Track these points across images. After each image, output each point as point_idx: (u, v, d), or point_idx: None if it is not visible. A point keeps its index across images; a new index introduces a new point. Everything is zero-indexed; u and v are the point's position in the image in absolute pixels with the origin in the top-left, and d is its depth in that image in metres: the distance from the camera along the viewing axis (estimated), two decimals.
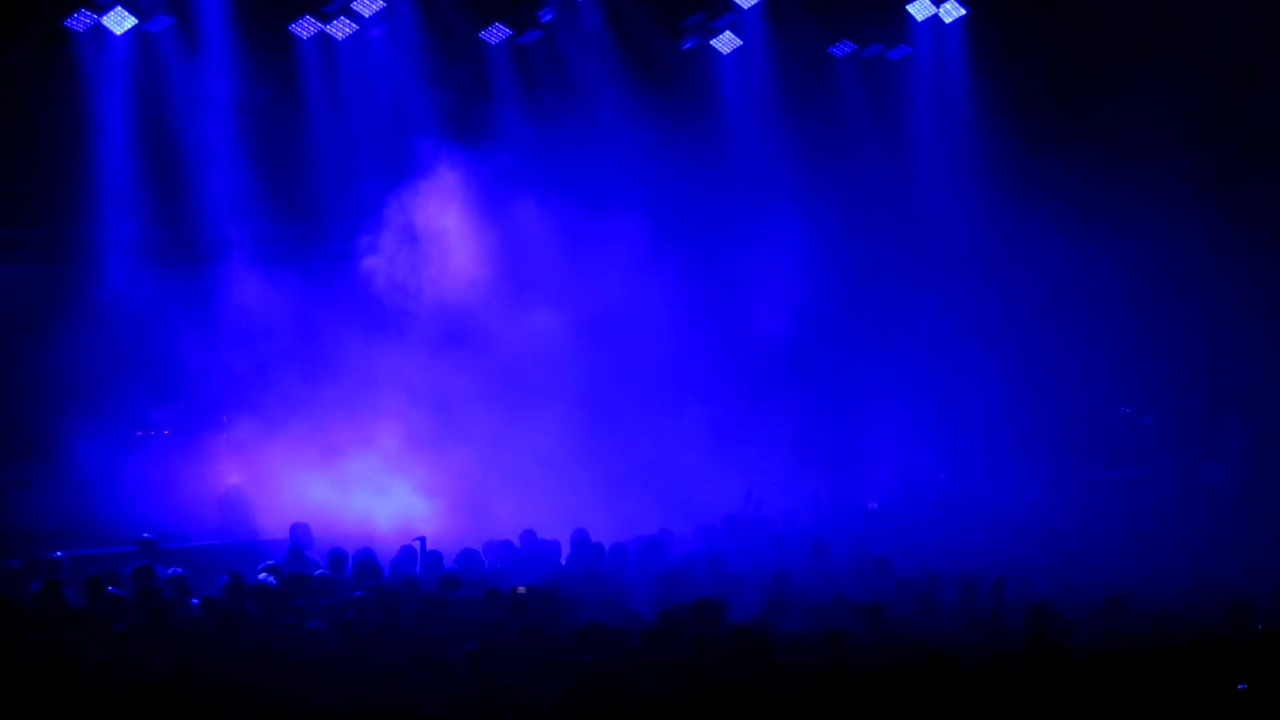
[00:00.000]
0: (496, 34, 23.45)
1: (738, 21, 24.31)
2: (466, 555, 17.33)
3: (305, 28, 22.56)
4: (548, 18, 23.53)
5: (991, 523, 19.89)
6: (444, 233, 21.91)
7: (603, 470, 20.74)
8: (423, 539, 17.75)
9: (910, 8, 24.80)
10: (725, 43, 24.32)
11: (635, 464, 20.96)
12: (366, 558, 16.69)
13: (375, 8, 22.68)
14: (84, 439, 20.28)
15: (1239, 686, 13.31)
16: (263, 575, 15.94)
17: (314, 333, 21.34)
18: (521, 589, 15.64)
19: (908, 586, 16.09)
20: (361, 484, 20.57)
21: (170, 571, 16.13)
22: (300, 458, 20.68)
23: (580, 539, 18.20)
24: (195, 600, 15.42)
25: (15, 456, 20.52)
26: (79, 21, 21.39)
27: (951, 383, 23.12)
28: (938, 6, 24.83)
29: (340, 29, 22.67)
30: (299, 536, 17.97)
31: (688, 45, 24.31)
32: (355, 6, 22.64)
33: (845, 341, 23.29)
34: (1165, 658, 13.60)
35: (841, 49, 24.79)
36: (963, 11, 24.82)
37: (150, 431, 21.12)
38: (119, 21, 21.44)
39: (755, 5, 24.15)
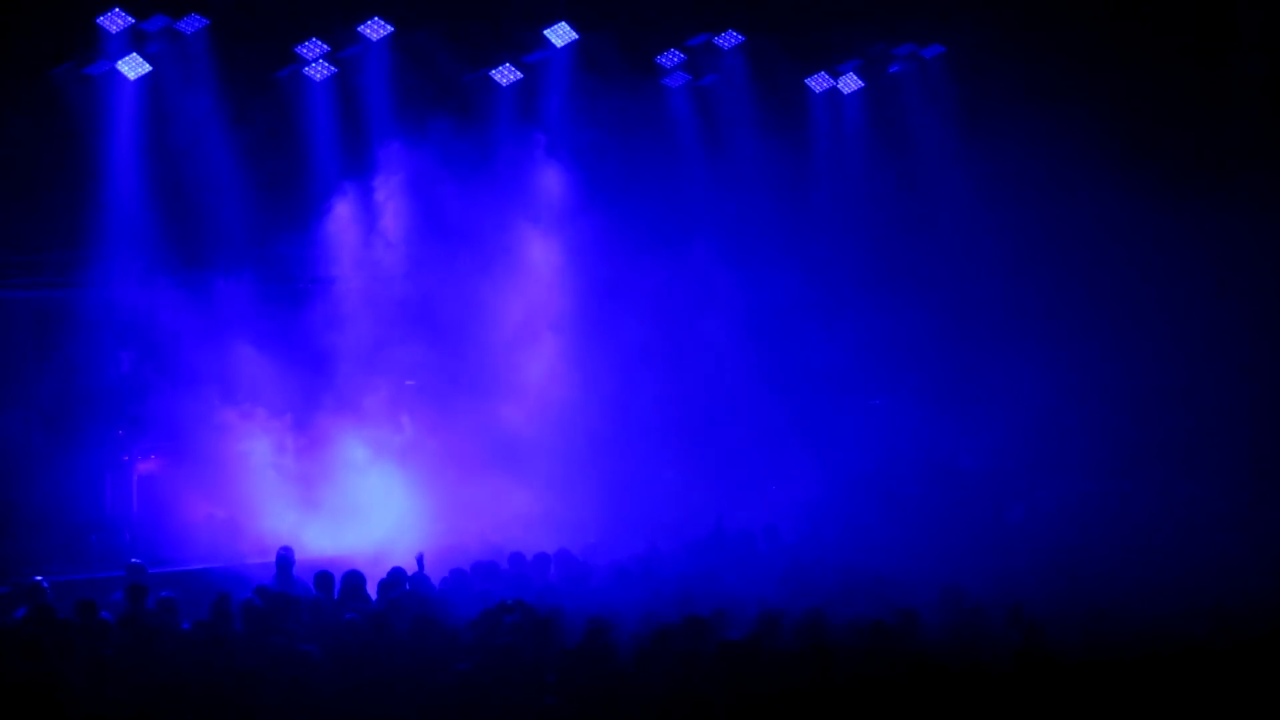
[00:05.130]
0: (478, 74, 23.79)
1: (719, 57, 24.71)
2: (454, 576, 17.39)
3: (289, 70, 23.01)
4: (532, 59, 23.89)
5: (979, 535, 20.00)
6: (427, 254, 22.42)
7: (583, 485, 21.03)
8: (420, 556, 17.82)
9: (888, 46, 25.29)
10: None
11: (617, 480, 21.20)
12: (355, 579, 16.71)
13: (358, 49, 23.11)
14: (73, 463, 20.42)
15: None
16: (251, 597, 15.94)
17: (300, 353, 21.61)
18: None
19: (895, 600, 16.15)
20: (345, 504, 20.75)
21: (161, 594, 16.14)
22: (283, 480, 20.86)
23: (565, 557, 18.31)
24: (185, 624, 15.42)
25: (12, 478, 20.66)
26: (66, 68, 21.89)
27: (946, 397, 23.34)
28: (920, 48, 25.27)
29: (318, 70, 23.01)
30: (285, 559, 17.98)
31: (674, 83, 24.67)
32: (343, 55, 23.05)
33: (830, 353, 23.54)
34: (1150, 665, 13.68)
35: (819, 83, 25.17)
36: (941, 49, 25.29)
37: (136, 457, 21.18)
38: (99, 68, 21.91)
39: (736, 42, 24.58)
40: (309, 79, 23.04)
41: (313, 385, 21.66)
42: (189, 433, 21.19)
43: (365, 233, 22.48)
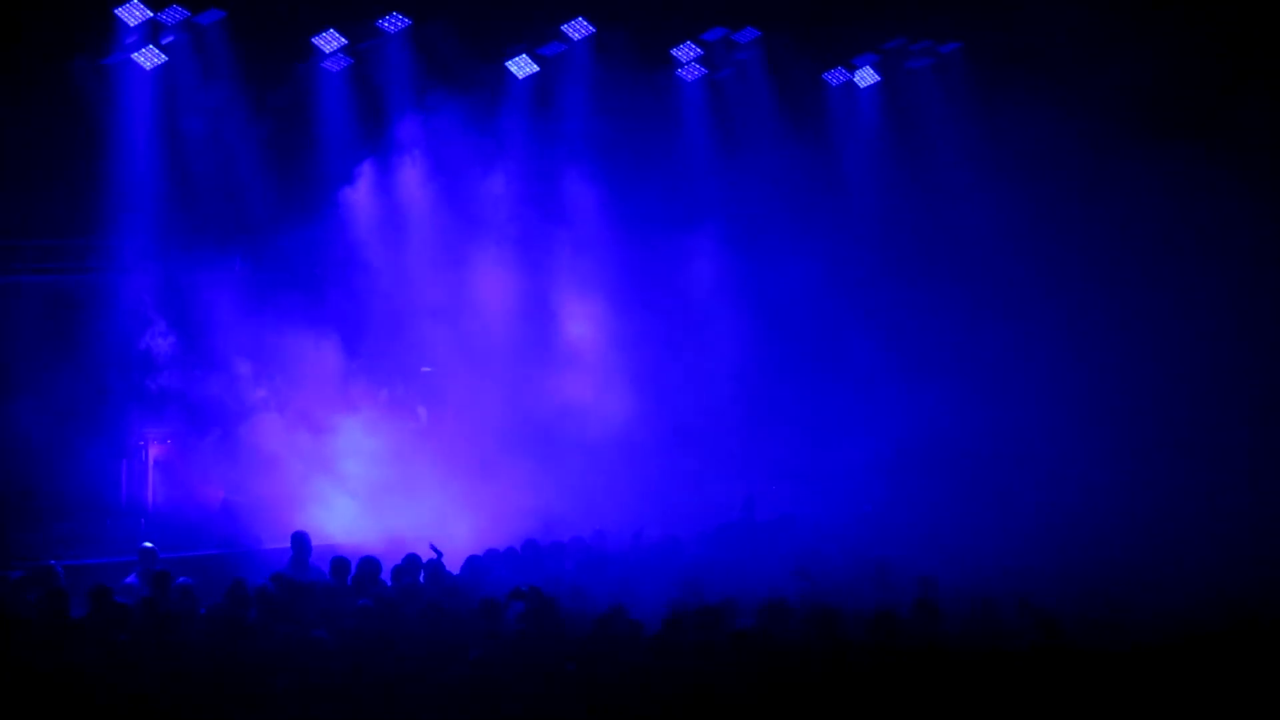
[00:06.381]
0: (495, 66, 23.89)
1: (736, 51, 24.80)
2: (470, 563, 17.41)
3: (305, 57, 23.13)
4: (548, 52, 23.98)
5: (987, 524, 20.04)
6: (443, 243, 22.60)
7: (600, 473, 21.15)
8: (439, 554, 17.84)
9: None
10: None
11: (634, 468, 21.28)
12: (370, 566, 16.71)
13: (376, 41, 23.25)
14: (88, 448, 20.53)
15: None
16: (265, 583, 15.95)
17: (315, 340, 21.76)
18: None
19: (906, 591, 16.17)
20: (369, 491, 20.85)
21: (178, 580, 16.19)
22: (301, 468, 20.94)
23: (580, 544, 18.33)
24: (202, 610, 15.44)
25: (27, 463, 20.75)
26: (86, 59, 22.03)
27: (963, 385, 23.42)
28: (938, 44, 25.39)
29: (335, 62, 23.15)
30: (300, 545, 17.99)
31: (690, 76, 24.74)
32: (361, 47, 23.21)
33: (843, 346, 23.64)
34: (1163, 655, 13.70)
35: (836, 78, 25.26)
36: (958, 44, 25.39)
37: (151, 442, 21.26)
38: (115, 58, 22.06)
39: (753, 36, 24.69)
40: (326, 70, 23.15)
41: (328, 371, 21.80)
42: (204, 417, 21.34)
43: (380, 220, 22.61)
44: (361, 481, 21.05)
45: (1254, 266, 23.22)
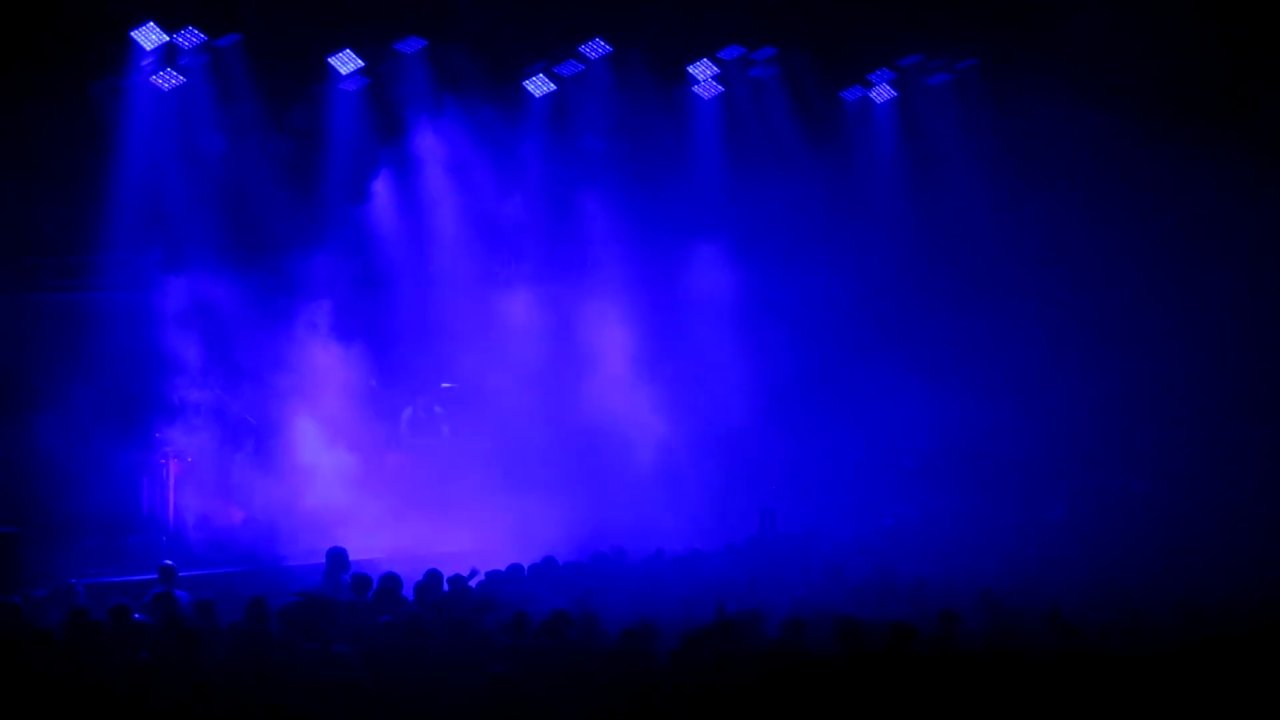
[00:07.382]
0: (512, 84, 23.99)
1: (753, 68, 24.91)
2: (492, 578, 17.39)
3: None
4: (565, 70, 24.07)
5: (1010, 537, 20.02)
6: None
7: (624, 488, 21.14)
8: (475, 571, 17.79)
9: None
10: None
11: (658, 483, 21.30)
12: (391, 582, 16.67)
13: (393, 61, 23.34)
14: (108, 465, 20.56)
15: None
16: (288, 599, 15.92)
17: (336, 357, 21.80)
18: None
19: (931, 604, 16.12)
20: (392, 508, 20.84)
21: (200, 598, 16.17)
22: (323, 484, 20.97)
23: (601, 560, 18.33)
24: (224, 626, 15.42)
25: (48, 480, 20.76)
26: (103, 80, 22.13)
27: (968, 401, 23.39)
28: (955, 60, 25.46)
29: (353, 82, 23.24)
30: (336, 561, 17.97)
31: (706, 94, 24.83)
32: (378, 67, 23.33)
33: (863, 360, 23.66)
34: (1184, 662, 13.67)
35: (853, 94, 25.34)
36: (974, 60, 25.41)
37: (171, 458, 21.28)
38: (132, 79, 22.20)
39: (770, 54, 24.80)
40: (343, 90, 23.24)
41: (350, 388, 21.83)
42: (225, 433, 21.36)
43: (399, 237, 22.68)
44: (383, 498, 21.07)
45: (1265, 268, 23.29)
